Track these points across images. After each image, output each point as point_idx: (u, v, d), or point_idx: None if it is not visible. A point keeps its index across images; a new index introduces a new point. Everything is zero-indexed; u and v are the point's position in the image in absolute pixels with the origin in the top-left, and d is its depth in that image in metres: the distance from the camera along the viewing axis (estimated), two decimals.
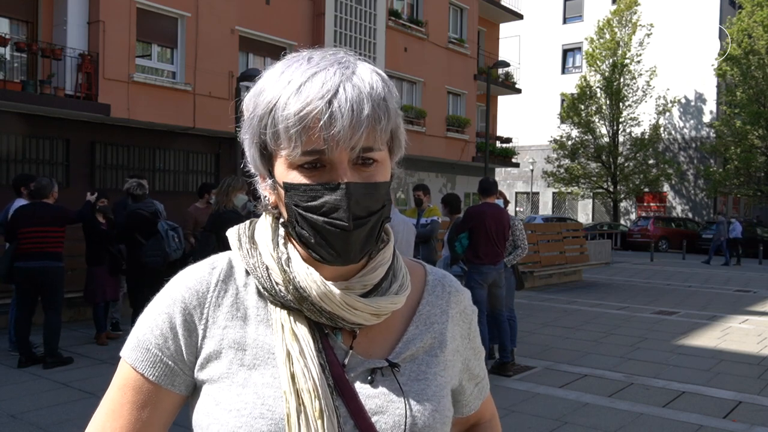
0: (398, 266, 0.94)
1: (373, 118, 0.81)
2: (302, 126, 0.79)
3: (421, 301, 0.97)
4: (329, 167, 0.82)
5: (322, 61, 0.83)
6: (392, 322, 0.93)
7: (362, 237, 0.84)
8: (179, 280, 0.92)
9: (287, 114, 0.80)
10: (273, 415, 0.82)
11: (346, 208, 0.81)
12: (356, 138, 0.79)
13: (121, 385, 0.90)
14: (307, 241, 0.85)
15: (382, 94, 0.83)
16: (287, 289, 0.86)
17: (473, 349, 1.03)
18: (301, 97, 0.79)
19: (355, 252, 0.84)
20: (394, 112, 0.85)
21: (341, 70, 0.82)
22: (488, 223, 6.38)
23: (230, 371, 0.86)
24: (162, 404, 0.89)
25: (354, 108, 0.79)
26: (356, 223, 0.82)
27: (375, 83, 0.83)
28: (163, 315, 0.89)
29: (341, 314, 0.86)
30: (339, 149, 0.80)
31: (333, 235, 0.82)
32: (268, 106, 0.82)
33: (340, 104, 0.79)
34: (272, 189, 0.88)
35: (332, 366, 0.85)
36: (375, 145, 0.83)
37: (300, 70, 0.82)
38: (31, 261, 6.26)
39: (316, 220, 0.82)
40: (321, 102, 0.79)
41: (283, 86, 0.82)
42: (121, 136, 14.30)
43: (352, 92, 0.80)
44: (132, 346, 0.90)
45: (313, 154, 0.80)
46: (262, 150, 0.86)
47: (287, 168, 0.83)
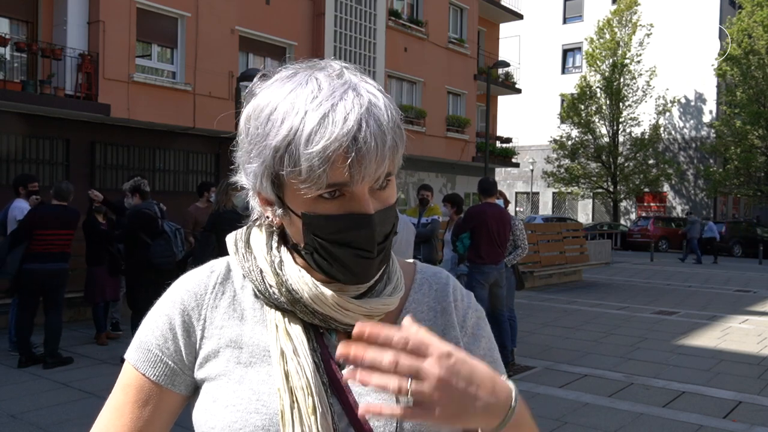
0: (393, 269, 0.95)
1: (393, 146, 0.82)
2: (329, 164, 0.78)
3: (408, 299, 0.97)
4: (349, 196, 0.81)
5: (335, 90, 0.80)
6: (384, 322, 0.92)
7: (380, 260, 0.86)
8: (179, 284, 0.95)
9: (311, 152, 0.77)
10: (267, 410, 0.84)
11: (372, 239, 0.83)
12: (380, 170, 0.81)
13: (124, 384, 0.93)
14: (326, 268, 0.85)
15: (398, 121, 0.83)
16: (280, 291, 0.88)
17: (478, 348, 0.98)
18: (324, 134, 0.77)
19: (373, 274, 0.87)
20: (404, 135, 0.86)
21: (358, 99, 0.80)
22: (490, 223, 6.39)
23: (227, 369, 0.88)
24: (163, 404, 0.92)
25: (378, 142, 0.79)
26: (378, 249, 0.84)
27: (390, 110, 0.82)
28: (164, 317, 0.92)
29: (333, 315, 0.87)
30: (364, 183, 0.80)
31: (357, 264, 0.84)
32: (286, 140, 0.79)
33: (366, 140, 0.78)
34: (282, 216, 0.87)
35: (327, 364, 0.86)
36: (393, 170, 0.85)
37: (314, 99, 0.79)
38: (45, 262, 6.24)
39: (340, 251, 0.83)
40: (346, 139, 0.77)
41: (299, 117, 0.78)
42: (121, 136, 14.30)
43: (375, 125, 0.79)
44: (135, 347, 0.93)
45: (335, 186, 0.80)
46: (273, 180, 0.84)
47: (305, 197, 0.82)
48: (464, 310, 1.00)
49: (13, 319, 6.77)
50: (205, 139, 15.74)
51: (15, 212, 6.78)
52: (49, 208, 6.45)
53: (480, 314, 1.02)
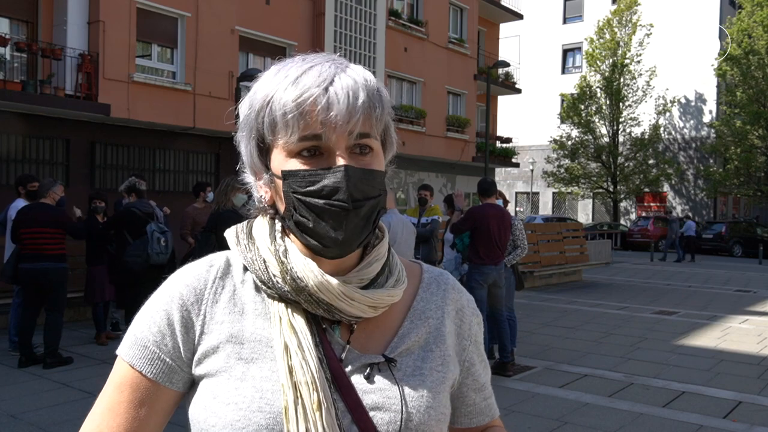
0: (393, 262, 0.96)
1: (369, 105, 0.84)
2: (299, 111, 0.82)
3: (416, 297, 0.98)
4: (327, 154, 0.84)
5: (317, 58, 0.87)
6: (389, 318, 0.94)
7: (360, 219, 0.86)
8: (177, 278, 0.93)
9: (285, 101, 0.83)
10: (271, 408, 0.83)
11: (345, 188, 0.83)
12: (353, 122, 0.83)
13: (118, 383, 0.90)
14: (305, 227, 0.86)
15: (376, 85, 0.87)
16: (284, 280, 0.87)
17: (478, 354, 1.02)
18: (298, 86, 0.83)
19: (354, 235, 0.86)
20: (387, 104, 0.89)
21: (335, 64, 0.86)
22: (490, 224, 6.39)
23: (228, 365, 0.87)
24: (160, 401, 0.89)
25: (350, 94, 0.83)
26: (355, 204, 0.84)
27: (368, 76, 0.87)
28: (161, 312, 0.90)
29: (339, 305, 0.87)
30: (336, 133, 0.83)
31: (332, 215, 0.84)
32: (265, 99, 0.86)
33: (336, 91, 0.82)
34: (269, 183, 0.90)
35: (330, 360, 0.86)
36: (371, 132, 0.86)
37: (295, 66, 0.86)
38: (33, 262, 6.27)
39: (315, 203, 0.84)
40: (318, 89, 0.82)
41: (279, 81, 0.86)
42: (121, 136, 14.30)
43: (348, 81, 0.84)
44: (129, 344, 0.90)
45: (310, 139, 0.83)
46: (259, 144, 0.89)
47: (285, 157, 0.86)
48: (470, 317, 1.02)
49: (13, 319, 6.79)
50: (205, 139, 15.74)
51: (11, 212, 6.80)
52: (26, 207, 6.46)
53: (480, 319, 1.04)
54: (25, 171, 12.11)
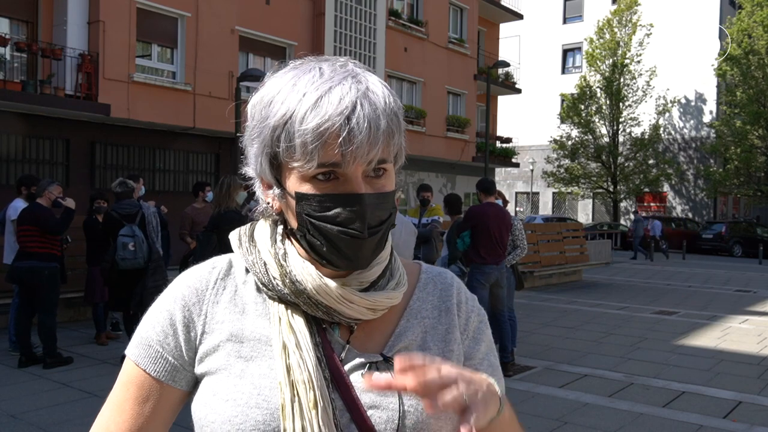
0: (395, 265, 0.97)
1: (388, 133, 0.84)
2: (321, 141, 0.81)
3: (412, 297, 0.98)
4: (343, 179, 0.84)
5: (335, 75, 0.84)
6: (388, 318, 0.94)
7: (374, 244, 0.87)
8: (181, 280, 0.96)
9: (305, 129, 0.81)
10: (268, 404, 0.84)
11: (362, 218, 0.83)
12: (373, 153, 0.82)
13: (125, 381, 0.93)
14: (318, 249, 0.87)
15: (395, 108, 0.86)
16: (284, 282, 0.88)
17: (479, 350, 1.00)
18: (319, 112, 0.81)
19: (366, 258, 0.87)
20: (402, 122, 0.88)
21: (356, 85, 0.83)
22: (491, 222, 6.39)
23: (228, 363, 0.88)
24: (164, 399, 0.92)
25: (371, 125, 0.81)
26: (370, 232, 0.85)
27: (387, 98, 0.85)
28: (164, 312, 0.93)
29: (337, 308, 0.87)
30: (355, 164, 0.82)
31: (346, 244, 0.85)
32: (284, 119, 0.83)
33: (359, 121, 0.81)
34: (279, 198, 0.90)
35: (329, 359, 0.87)
36: (389, 157, 0.86)
37: (314, 83, 0.83)
38: (21, 261, 6.29)
39: (329, 230, 0.84)
40: (340, 118, 0.80)
41: (297, 99, 0.82)
42: (121, 136, 14.30)
43: (369, 108, 0.82)
44: (135, 344, 0.94)
45: (327, 167, 0.82)
46: (272, 160, 0.88)
47: (300, 179, 0.85)
48: (467, 313, 1.01)
49: (12, 318, 6.79)
50: (205, 139, 15.74)
51: (10, 212, 6.82)
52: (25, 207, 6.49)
53: (482, 318, 1.03)
54: (25, 171, 12.11)
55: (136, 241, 6.33)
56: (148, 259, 6.39)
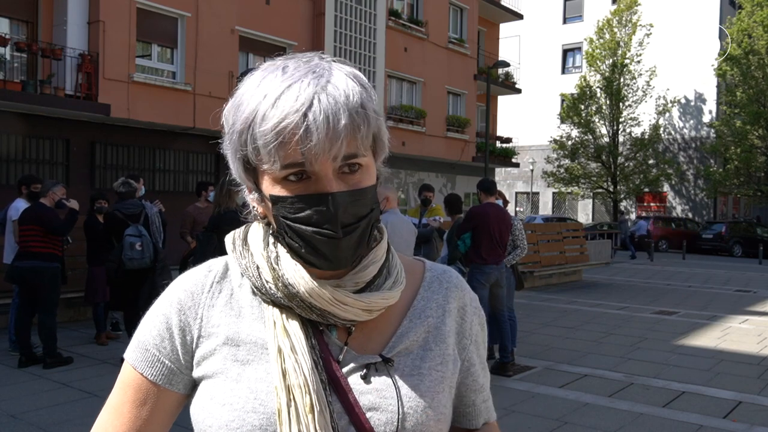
0: (393, 263, 0.95)
1: (352, 128, 0.80)
2: (279, 141, 0.79)
3: (417, 296, 0.97)
4: (314, 178, 0.82)
5: (296, 71, 0.82)
6: (388, 318, 0.93)
7: (353, 242, 0.85)
8: (177, 284, 0.96)
9: (264, 130, 0.80)
10: (265, 409, 0.84)
11: (334, 218, 0.82)
12: (335, 149, 0.80)
13: (123, 384, 0.93)
14: (297, 250, 0.86)
15: (359, 101, 0.82)
16: (277, 286, 0.87)
17: (479, 355, 1.01)
18: (276, 111, 0.79)
19: (346, 257, 0.86)
20: (373, 116, 0.84)
21: (315, 80, 0.81)
22: (491, 223, 6.40)
23: (224, 367, 0.88)
24: (162, 403, 0.91)
25: (330, 119, 0.79)
26: (345, 231, 0.83)
27: (351, 90, 0.82)
28: (161, 316, 0.93)
29: (331, 310, 0.86)
30: (319, 161, 0.80)
31: (323, 244, 0.84)
32: (246, 122, 0.82)
33: (315, 116, 0.78)
34: (259, 201, 0.90)
35: (326, 362, 0.86)
36: (358, 151, 0.83)
37: (275, 81, 0.82)
38: (22, 261, 6.29)
39: (304, 231, 0.83)
40: (296, 116, 0.78)
41: (259, 100, 0.81)
42: (121, 136, 14.30)
43: (327, 103, 0.79)
44: (133, 347, 0.94)
45: (293, 167, 0.81)
46: (245, 164, 0.87)
47: (272, 181, 0.84)
48: (472, 316, 1.00)
49: (12, 318, 6.79)
50: (205, 139, 15.73)
51: (11, 212, 6.83)
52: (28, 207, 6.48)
53: (482, 319, 1.03)
54: (25, 171, 12.11)
55: (144, 241, 6.37)
56: (155, 258, 6.42)
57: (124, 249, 6.32)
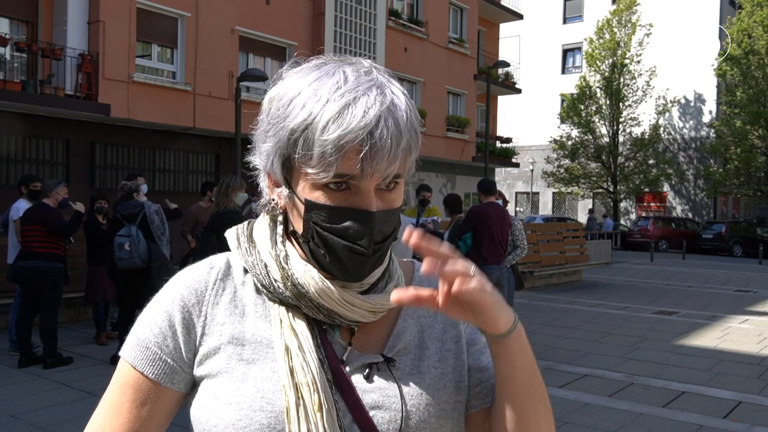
0: (393, 267, 0.97)
1: (407, 150, 0.83)
2: (341, 154, 0.79)
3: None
4: (355, 190, 0.82)
5: (360, 85, 0.81)
6: (385, 318, 0.94)
7: (376, 259, 0.87)
8: (178, 280, 0.94)
9: (326, 139, 0.78)
10: (273, 408, 0.84)
11: (369, 236, 0.83)
12: (391, 169, 0.82)
13: (120, 383, 0.91)
14: (320, 259, 0.86)
15: (415, 124, 0.85)
16: (285, 285, 0.87)
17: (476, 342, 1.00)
18: (342, 123, 0.78)
19: (366, 273, 0.87)
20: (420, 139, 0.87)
21: (380, 98, 0.81)
22: (492, 223, 6.40)
23: (229, 366, 0.87)
24: (162, 402, 0.90)
25: (393, 141, 0.80)
26: (375, 248, 0.84)
27: (409, 113, 0.84)
28: (162, 314, 0.91)
29: (339, 311, 0.87)
30: (371, 179, 0.81)
31: (351, 258, 0.84)
32: (304, 124, 0.80)
33: (382, 136, 0.79)
34: (287, 199, 0.88)
35: (331, 361, 0.86)
36: (404, 172, 0.85)
37: (336, 90, 0.80)
38: (24, 261, 6.29)
39: (336, 242, 0.84)
40: (362, 132, 0.78)
41: (320, 105, 0.80)
42: (121, 136, 14.30)
43: (393, 124, 0.81)
44: (131, 345, 0.91)
45: (343, 177, 0.81)
46: (284, 161, 0.85)
47: (311, 186, 0.83)
48: None
49: (13, 318, 6.80)
50: (205, 139, 15.74)
51: (12, 212, 6.83)
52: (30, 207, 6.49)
53: None
54: (25, 171, 12.11)
55: (132, 241, 6.32)
56: (148, 258, 6.37)
57: (114, 249, 6.35)
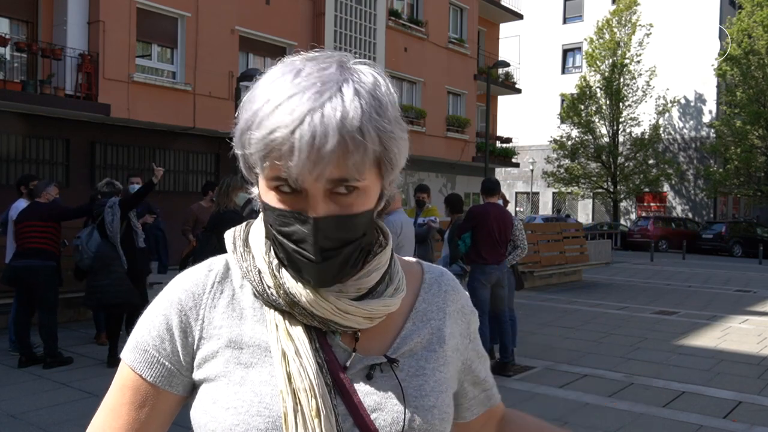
0: (395, 270, 0.94)
1: (340, 152, 0.76)
2: (265, 152, 0.78)
3: (418, 298, 0.97)
4: (305, 194, 0.79)
5: (306, 80, 0.78)
6: (390, 319, 0.92)
7: (335, 267, 0.83)
8: (177, 283, 0.93)
9: (255, 137, 0.78)
10: (270, 412, 0.83)
11: (313, 242, 0.80)
12: (317, 171, 0.76)
13: (120, 385, 0.91)
14: (282, 261, 0.86)
15: (357, 124, 0.76)
16: (278, 293, 0.86)
17: (475, 351, 1.02)
18: (271, 121, 0.77)
19: (327, 280, 0.84)
20: (377, 136, 0.79)
21: (316, 95, 0.76)
22: (491, 222, 6.39)
23: (227, 370, 0.86)
24: (160, 404, 0.90)
25: (316, 141, 0.75)
26: (324, 255, 0.81)
27: (351, 112, 0.76)
28: (160, 317, 0.90)
29: (333, 319, 0.85)
30: (301, 181, 0.77)
31: (302, 264, 0.82)
32: (247, 123, 0.80)
33: (302, 135, 0.75)
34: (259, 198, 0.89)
35: (330, 364, 0.85)
36: (349, 175, 0.78)
37: (284, 86, 0.79)
38: (18, 260, 6.28)
39: (287, 246, 0.82)
40: (285, 131, 0.75)
41: (262, 102, 0.79)
42: (121, 136, 14.30)
43: (320, 124, 0.75)
44: (131, 348, 0.91)
45: (279, 180, 0.79)
46: (244, 161, 0.86)
47: (266, 187, 0.83)
48: (469, 315, 1.02)
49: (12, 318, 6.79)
50: (205, 139, 15.74)
51: (12, 212, 6.83)
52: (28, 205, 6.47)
53: (476, 316, 1.04)
54: (25, 171, 12.11)
55: (80, 243, 6.35)
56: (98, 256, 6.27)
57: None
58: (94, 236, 6.33)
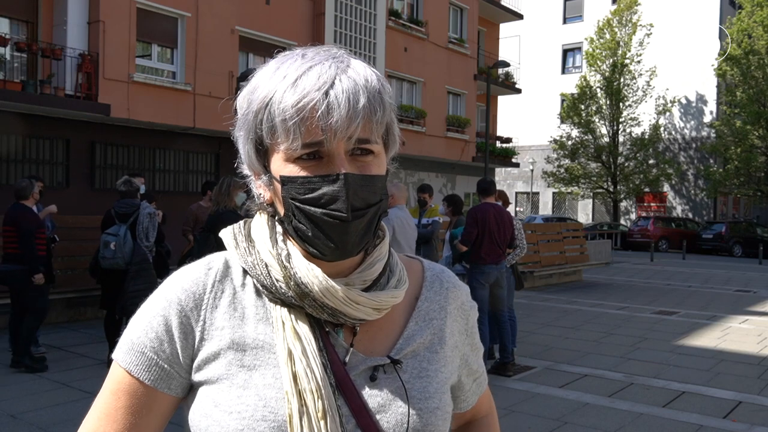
0: (394, 261, 0.95)
1: (369, 110, 0.82)
2: (300, 117, 0.80)
3: (420, 297, 0.97)
4: (327, 159, 0.82)
5: (317, 56, 0.85)
6: (392, 318, 0.92)
7: (360, 229, 0.84)
8: (175, 282, 0.90)
9: (284, 106, 0.80)
10: (276, 417, 0.81)
11: (344, 198, 0.81)
12: (353, 128, 0.80)
13: (114, 389, 0.88)
14: (303, 234, 0.84)
15: (377, 86, 0.84)
16: (288, 285, 0.85)
17: (471, 345, 1.02)
18: (297, 89, 0.80)
19: (353, 244, 0.84)
20: (389, 105, 0.86)
21: (336, 64, 0.84)
22: (491, 223, 6.39)
23: (230, 372, 0.85)
24: (157, 407, 0.87)
25: (350, 98, 0.80)
26: (354, 215, 0.82)
27: (369, 76, 0.85)
28: (159, 317, 0.87)
29: (344, 309, 0.85)
30: (337, 139, 0.80)
31: (331, 227, 0.82)
32: (264, 101, 0.83)
33: (337, 95, 0.80)
34: (267, 185, 0.88)
35: (334, 365, 0.84)
36: (371, 137, 0.83)
37: (295, 65, 0.84)
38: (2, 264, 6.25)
39: (314, 212, 0.82)
40: (318, 93, 0.80)
41: (278, 81, 0.83)
42: (121, 136, 14.30)
43: (348, 84, 0.81)
44: (126, 349, 0.88)
45: (311, 147, 0.81)
46: (257, 146, 0.86)
47: (284, 161, 0.84)
48: (469, 310, 1.02)
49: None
50: (205, 139, 15.74)
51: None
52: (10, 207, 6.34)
53: (475, 311, 1.05)
54: (26, 171, 12.13)
55: (118, 241, 6.13)
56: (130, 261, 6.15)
57: (100, 247, 6.20)
58: (128, 239, 6.17)
